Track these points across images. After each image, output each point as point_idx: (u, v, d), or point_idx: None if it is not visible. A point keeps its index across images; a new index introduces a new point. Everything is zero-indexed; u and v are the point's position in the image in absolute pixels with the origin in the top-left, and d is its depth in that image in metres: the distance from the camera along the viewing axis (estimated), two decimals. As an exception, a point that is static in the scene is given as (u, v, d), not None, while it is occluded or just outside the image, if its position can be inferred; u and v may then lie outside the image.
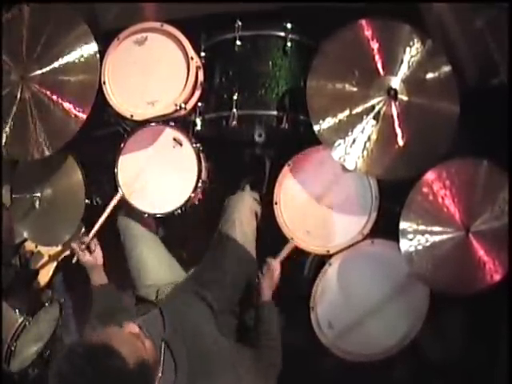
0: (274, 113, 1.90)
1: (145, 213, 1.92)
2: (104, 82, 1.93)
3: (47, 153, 1.86)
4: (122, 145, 1.96)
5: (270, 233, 1.95)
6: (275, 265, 1.80)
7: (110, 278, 1.88)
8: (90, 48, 1.85)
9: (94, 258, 1.83)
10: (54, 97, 1.85)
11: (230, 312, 1.77)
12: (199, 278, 1.82)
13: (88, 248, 1.84)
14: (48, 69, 1.87)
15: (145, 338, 1.29)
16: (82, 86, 1.85)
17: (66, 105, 1.84)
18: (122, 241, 1.99)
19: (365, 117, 1.72)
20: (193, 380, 1.35)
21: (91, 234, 1.87)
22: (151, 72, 1.93)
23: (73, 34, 1.86)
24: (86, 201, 1.97)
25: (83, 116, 1.81)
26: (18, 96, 1.89)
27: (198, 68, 1.93)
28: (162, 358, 1.34)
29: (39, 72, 1.88)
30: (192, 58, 1.89)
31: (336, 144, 1.72)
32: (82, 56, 1.85)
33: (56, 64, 1.87)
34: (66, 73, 1.86)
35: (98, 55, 1.85)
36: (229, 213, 1.93)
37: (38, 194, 2.04)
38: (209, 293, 1.69)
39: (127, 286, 1.98)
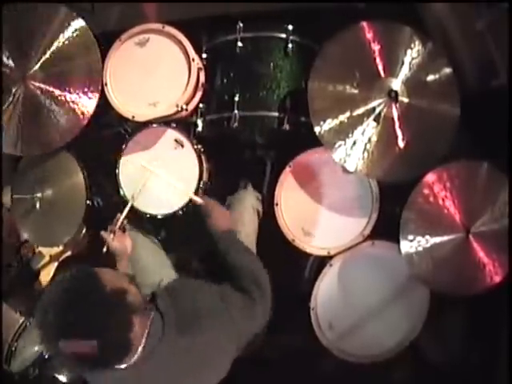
0: (275, 114, 1.90)
1: (146, 214, 1.92)
2: (106, 84, 1.94)
3: (60, 144, 1.87)
4: (124, 146, 1.96)
5: (270, 234, 1.96)
6: (207, 201, 1.77)
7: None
8: (77, 24, 1.83)
9: (123, 246, 1.85)
10: (58, 91, 1.85)
11: None
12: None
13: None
14: (44, 59, 1.85)
15: (131, 283, 1.31)
16: (85, 67, 1.84)
17: (71, 96, 1.84)
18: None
19: (365, 118, 1.72)
20: (182, 330, 1.36)
21: (119, 223, 1.86)
22: (153, 73, 1.94)
23: (55, 19, 1.84)
24: (88, 202, 1.97)
25: (94, 97, 1.82)
26: (21, 96, 1.88)
27: (199, 69, 1.94)
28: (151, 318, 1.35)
29: (38, 67, 1.86)
30: (193, 60, 1.89)
31: (337, 145, 1.72)
32: (74, 32, 1.83)
33: (48, 53, 1.84)
34: (63, 60, 1.84)
35: (89, 32, 1.83)
36: (231, 213, 1.93)
37: (39, 195, 2.03)
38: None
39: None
